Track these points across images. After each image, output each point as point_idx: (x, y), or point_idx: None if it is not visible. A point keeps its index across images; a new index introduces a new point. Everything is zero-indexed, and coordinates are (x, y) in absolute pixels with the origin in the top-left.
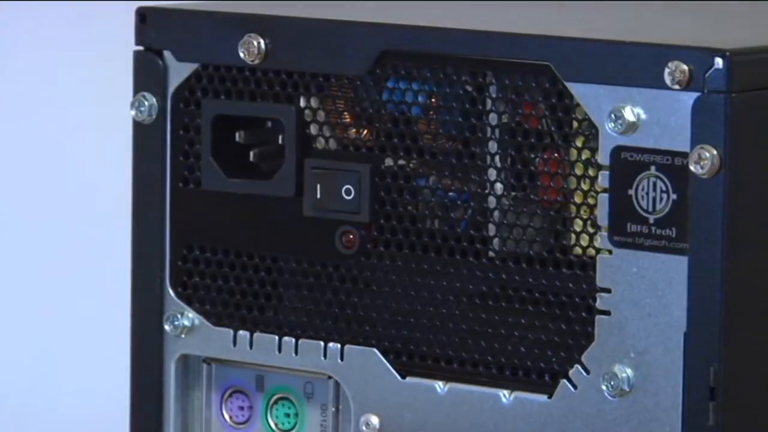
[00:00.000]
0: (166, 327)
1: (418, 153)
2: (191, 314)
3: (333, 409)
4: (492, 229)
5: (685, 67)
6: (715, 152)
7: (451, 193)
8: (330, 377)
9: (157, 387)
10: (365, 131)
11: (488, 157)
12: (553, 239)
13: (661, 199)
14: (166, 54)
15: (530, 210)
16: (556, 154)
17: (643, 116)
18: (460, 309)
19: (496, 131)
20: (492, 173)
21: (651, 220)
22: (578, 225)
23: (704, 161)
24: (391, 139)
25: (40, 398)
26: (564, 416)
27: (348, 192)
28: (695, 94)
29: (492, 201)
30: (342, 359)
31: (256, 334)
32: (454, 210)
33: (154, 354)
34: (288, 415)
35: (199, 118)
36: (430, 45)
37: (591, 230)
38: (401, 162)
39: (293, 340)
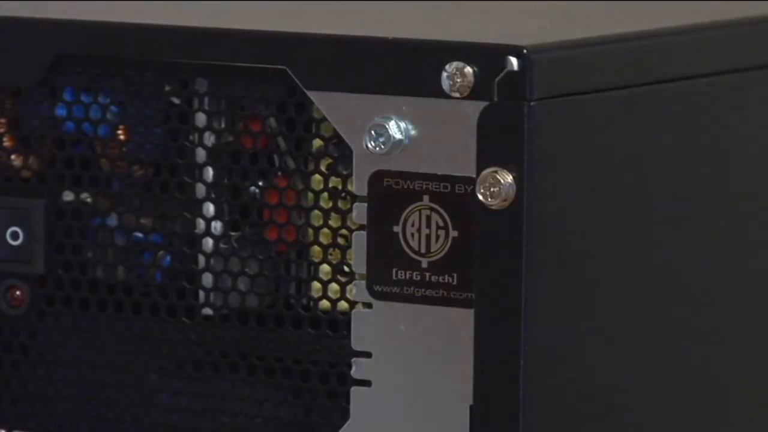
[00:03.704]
0: None
1: (108, 184)
2: None
3: None
4: (208, 280)
5: (469, 70)
6: (509, 177)
7: (154, 236)
8: None
9: None
10: (33, 158)
11: (202, 188)
12: (292, 291)
13: (438, 237)
14: None
15: (260, 254)
16: (295, 183)
17: (412, 132)
18: (169, 382)
19: (213, 154)
20: (208, 208)
21: (424, 264)
22: (325, 272)
23: (495, 189)
24: (72, 167)
25: None
26: None
27: (15, 236)
28: (482, 104)
29: (208, 243)
30: None
31: None
32: (157, 256)
33: None
34: None
35: None
36: (122, 46)
37: (343, 279)
38: (86, 196)
39: None
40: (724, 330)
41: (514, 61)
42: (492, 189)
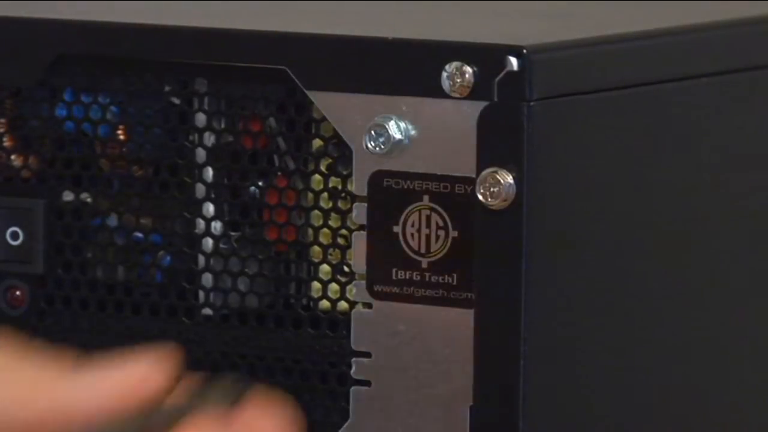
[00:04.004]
0: None
1: (108, 184)
2: None
3: None
4: (208, 280)
5: (469, 69)
6: (509, 177)
7: (154, 236)
8: None
9: None
10: (33, 158)
11: (202, 188)
12: (292, 291)
13: (438, 237)
14: None
15: (260, 254)
16: (295, 183)
17: (412, 132)
18: None
19: (213, 154)
20: (208, 208)
21: (424, 264)
22: (325, 272)
23: (495, 189)
24: (72, 167)
25: None
26: None
27: (15, 236)
28: (482, 104)
29: (208, 243)
30: None
31: None
32: (157, 257)
33: None
34: None
35: None
36: (122, 46)
37: (342, 279)
38: (86, 196)
39: None
40: (726, 329)
41: (514, 61)
42: (492, 189)
